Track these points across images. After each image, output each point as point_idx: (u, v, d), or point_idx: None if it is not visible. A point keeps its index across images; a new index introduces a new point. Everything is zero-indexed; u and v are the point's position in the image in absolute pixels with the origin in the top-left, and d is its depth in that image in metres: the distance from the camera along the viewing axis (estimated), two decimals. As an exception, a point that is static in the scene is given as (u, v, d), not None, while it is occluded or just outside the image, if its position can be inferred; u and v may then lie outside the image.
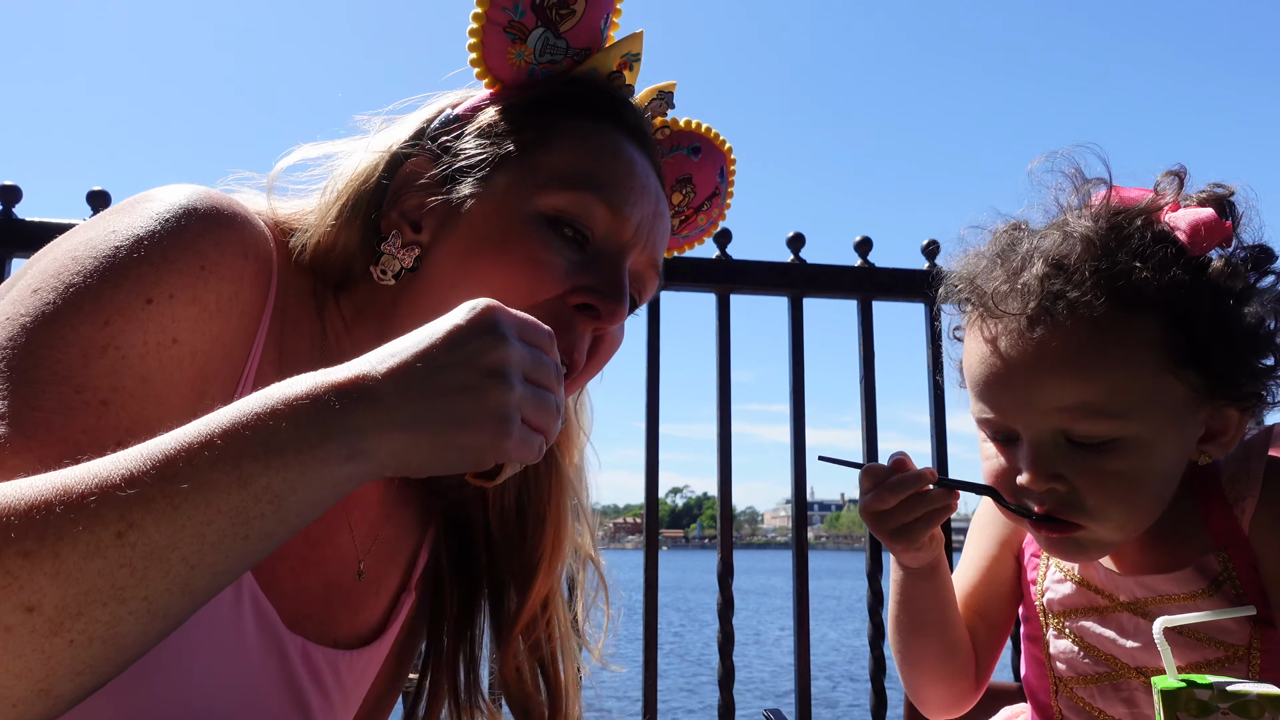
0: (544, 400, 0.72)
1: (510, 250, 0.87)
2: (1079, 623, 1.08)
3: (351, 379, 0.66)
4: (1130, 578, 1.04)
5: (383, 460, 0.65)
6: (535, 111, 0.93)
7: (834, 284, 2.16)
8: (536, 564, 1.04)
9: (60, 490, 0.57)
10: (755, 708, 2.10)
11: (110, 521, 0.56)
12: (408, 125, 0.95)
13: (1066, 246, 0.94)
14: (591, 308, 0.89)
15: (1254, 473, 1.00)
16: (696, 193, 1.11)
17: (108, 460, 0.60)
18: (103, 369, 0.71)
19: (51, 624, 0.55)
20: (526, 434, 0.71)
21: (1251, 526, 0.98)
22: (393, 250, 0.90)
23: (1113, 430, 0.93)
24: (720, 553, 2.05)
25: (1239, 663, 0.97)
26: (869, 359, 2.18)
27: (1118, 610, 1.04)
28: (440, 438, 0.66)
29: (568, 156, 0.91)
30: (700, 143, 1.09)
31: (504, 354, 0.69)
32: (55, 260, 0.74)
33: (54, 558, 0.55)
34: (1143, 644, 1.02)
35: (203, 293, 0.76)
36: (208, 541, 0.59)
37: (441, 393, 0.67)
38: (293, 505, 0.62)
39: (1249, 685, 0.69)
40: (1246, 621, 0.96)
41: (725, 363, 2.12)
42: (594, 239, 0.91)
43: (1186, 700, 0.70)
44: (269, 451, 0.61)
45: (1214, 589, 0.98)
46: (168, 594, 0.58)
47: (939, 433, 2.17)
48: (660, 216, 0.97)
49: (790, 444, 2.16)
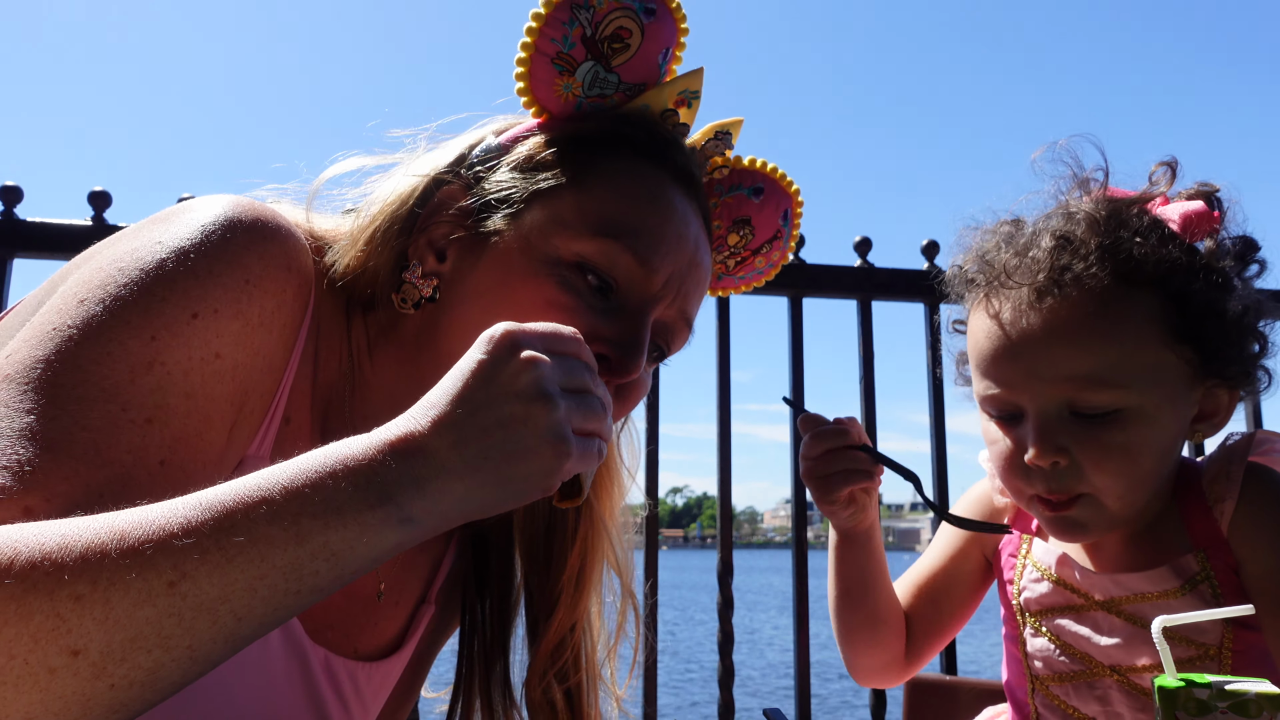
0: (588, 404, 0.71)
1: (529, 293, 0.85)
2: (1055, 621, 1.09)
3: (401, 437, 0.65)
4: (1105, 575, 1.05)
5: (444, 512, 0.65)
6: (575, 148, 0.90)
7: (834, 284, 2.16)
8: (560, 591, 1.02)
9: (117, 535, 0.57)
10: (745, 704, 2.10)
11: (164, 570, 0.56)
12: (450, 151, 0.93)
13: (1072, 224, 1.00)
14: (605, 358, 0.86)
15: (1234, 476, 1.03)
16: (755, 234, 1.07)
17: (165, 506, 0.60)
18: (148, 386, 0.70)
19: (95, 668, 0.55)
20: (583, 443, 0.70)
21: (1230, 528, 1.01)
22: (413, 279, 0.89)
23: (1116, 400, 0.96)
24: (720, 552, 2.05)
25: (1210, 661, 0.98)
26: (869, 359, 2.18)
27: (1093, 609, 1.06)
28: (500, 474, 0.66)
29: (601, 200, 0.87)
30: (764, 183, 1.05)
31: (536, 374, 0.68)
32: (100, 270, 0.74)
33: (104, 603, 0.55)
34: (1117, 642, 1.03)
35: (246, 307, 0.76)
36: (258, 596, 0.59)
37: (488, 431, 0.66)
38: (349, 563, 0.62)
39: (1248, 684, 0.69)
40: (1220, 620, 0.98)
41: (725, 363, 2.12)
42: (618, 289, 0.87)
43: (1185, 699, 0.70)
44: (328, 511, 0.61)
45: (1189, 588, 1.00)
46: (212, 643, 0.58)
47: (939, 433, 2.17)
48: (696, 267, 0.92)
49: (790, 444, 2.16)
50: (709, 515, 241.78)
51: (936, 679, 1.54)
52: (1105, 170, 1.07)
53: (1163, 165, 1.06)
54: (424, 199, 0.90)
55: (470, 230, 0.89)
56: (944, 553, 1.26)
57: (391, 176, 0.92)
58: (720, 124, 1.02)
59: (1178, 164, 1.05)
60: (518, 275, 0.86)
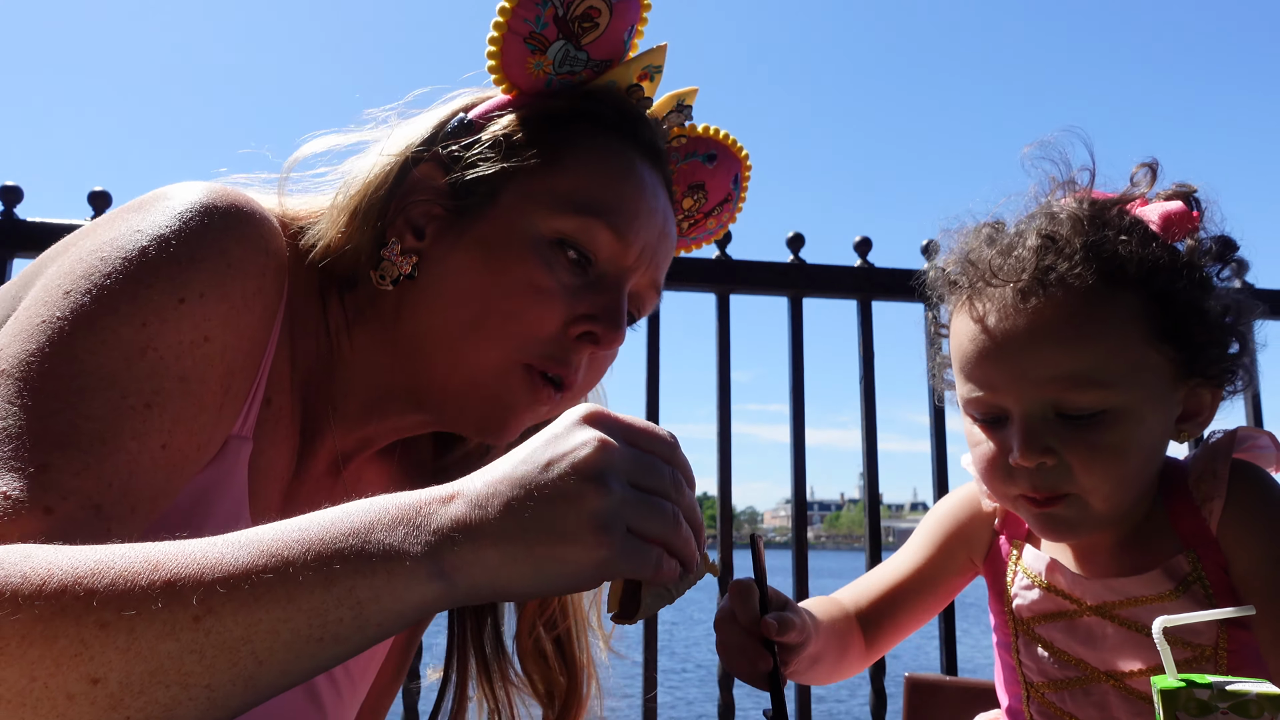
0: (655, 507, 0.66)
1: (513, 273, 0.87)
2: (1048, 628, 1.08)
3: (451, 492, 0.64)
4: (1097, 581, 1.05)
5: (475, 579, 0.62)
6: (548, 126, 0.93)
7: (834, 284, 2.16)
8: None
9: (150, 564, 0.57)
10: (744, 705, 2.10)
11: (190, 604, 0.56)
12: (422, 127, 0.94)
13: (1056, 224, 1.00)
14: (591, 334, 0.89)
15: (1220, 474, 1.02)
16: (708, 198, 1.11)
17: (204, 541, 0.60)
18: (143, 371, 0.71)
19: (113, 699, 0.55)
20: (636, 545, 0.65)
21: (1220, 527, 1.01)
22: (392, 257, 0.90)
23: (1101, 400, 0.96)
24: (720, 553, 2.05)
25: (1206, 663, 0.98)
26: (869, 359, 2.18)
27: (1086, 615, 1.05)
28: (535, 551, 0.62)
29: (577, 178, 0.90)
30: (717, 149, 1.09)
31: (602, 456, 0.65)
32: (81, 261, 0.74)
33: (129, 633, 0.55)
34: (1112, 648, 1.02)
35: (230, 290, 0.77)
36: (280, 639, 0.58)
37: (535, 500, 0.63)
38: (373, 615, 0.60)
39: (1249, 685, 0.69)
40: (1215, 621, 0.97)
41: (725, 363, 2.13)
42: (597, 263, 0.91)
43: (1186, 700, 0.70)
44: (359, 557, 0.60)
45: (1182, 590, 1.00)
46: (231, 685, 0.57)
47: (939, 432, 2.17)
48: (665, 237, 0.96)
49: (790, 444, 2.16)
50: (709, 515, 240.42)
51: (936, 679, 1.54)
52: (1092, 170, 1.06)
53: (1144, 166, 1.06)
54: (400, 177, 0.92)
55: (448, 208, 0.91)
56: (925, 552, 1.23)
57: (367, 155, 0.93)
58: (678, 93, 1.05)
59: (1158, 165, 1.05)
60: (499, 254, 0.88)
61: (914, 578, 1.22)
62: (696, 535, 0.70)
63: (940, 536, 1.23)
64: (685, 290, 2.15)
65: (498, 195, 0.90)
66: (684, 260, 2.09)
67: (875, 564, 2.05)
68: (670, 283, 2.10)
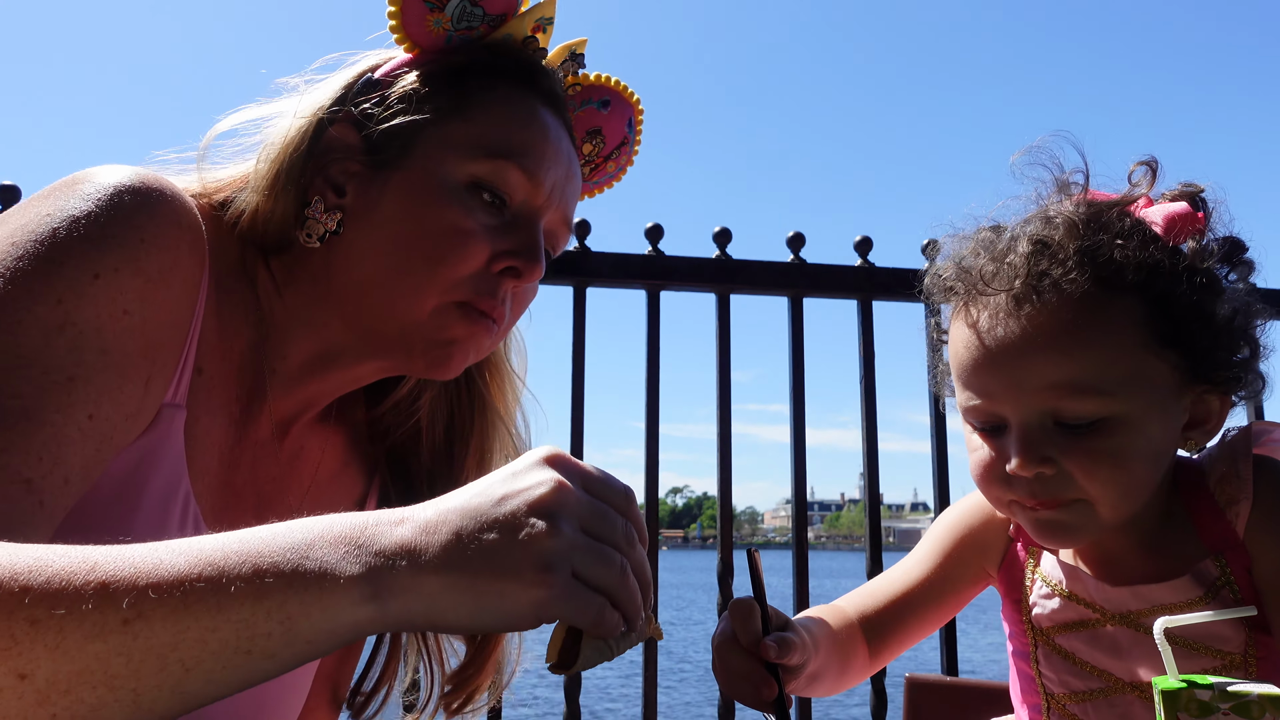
0: (602, 556, 0.66)
1: (435, 219, 0.92)
2: (1070, 638, 1.05)
3: (401, 516, 0.65)
4: (1124, 589, 1.02)
5: (410, 605, 0.62)
6: (454, 79, 0.98)
7: (834, 284, 2.16)
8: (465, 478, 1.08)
9: (89, 565, 0.58)
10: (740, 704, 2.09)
11: (121, 607, 0.57)
12: (331, 88, 0.98)
13: (1050, 229, 0.97)
14: (514, 269, 0.94)
15: (1243, 474, 1.00)
16: (606, 143, 1.16)
17: (145, 547, 0.61)
18: (63, 347, 0.73)
19: (39, 695, 0.55)
20: (578, 590, 0.65)
21: (1247, 529, 0.98)
22: (316, 215, 0.94)
23: (1100, 409, 0.94)
24: (720, 553, 2.05)
25: (1236, 671, 0.96)
26: (869, 359, 2.18)
27: (1109, 624, 1.03)
28: (476, 584, 0.62)
29: (485, 125, 0.95)
30: (610, 95, 1.14)
31: (556, 496, 0.65)
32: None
33: (58, 631, 0.56)
34: (1138, 658, 1.00)
35: (145, 264, 0.79)
36: (208, 649, 0.58)
37: (483, 532, 0.63)
38: (303, 631, 0.60)
39: (1250, 685, 0.69)
40: (1242, 628, 0.96)
41: (725, 363, 2.12)
42: (512, 204, 0.96)
43: (1187, 701, 0.69)
44: (294, 572, 0.60)
45: (1212, 595, 0.97)
46: (157, 690, 0.58)
47: (939, 432, 2.17)
48: (571, 177, 1.02)
49: (790, 444, 2.16)
50: (709, 515, 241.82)
51: (937, 679, 1.53)
52: (1085, 172, 1.04)
53: (1142, 165, 1.03)
54: (315, 137, 0.95)
55: (366, 164, 0.95)
56: (935, 559, 1.20)
57: (281, 120, 0.97)
58: (569, 44, 1.10)
59: (1158, 163, 1.03)
60: (420, 202, 0.92)
61: (922, 586, 1.19)
62: (644, 592, 0.71)
63: (951, 544, 1.19)
64: (685, 290, 2.14)
65: (411, 148, 0.94)
66: (684, 260, 2.09)
67: (876, 564, 2.06)
68: (670, 282, 2.11)
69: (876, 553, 2.07)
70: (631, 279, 2.09)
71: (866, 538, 2.13)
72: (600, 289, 2.10)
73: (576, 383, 2.06)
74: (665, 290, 2.11)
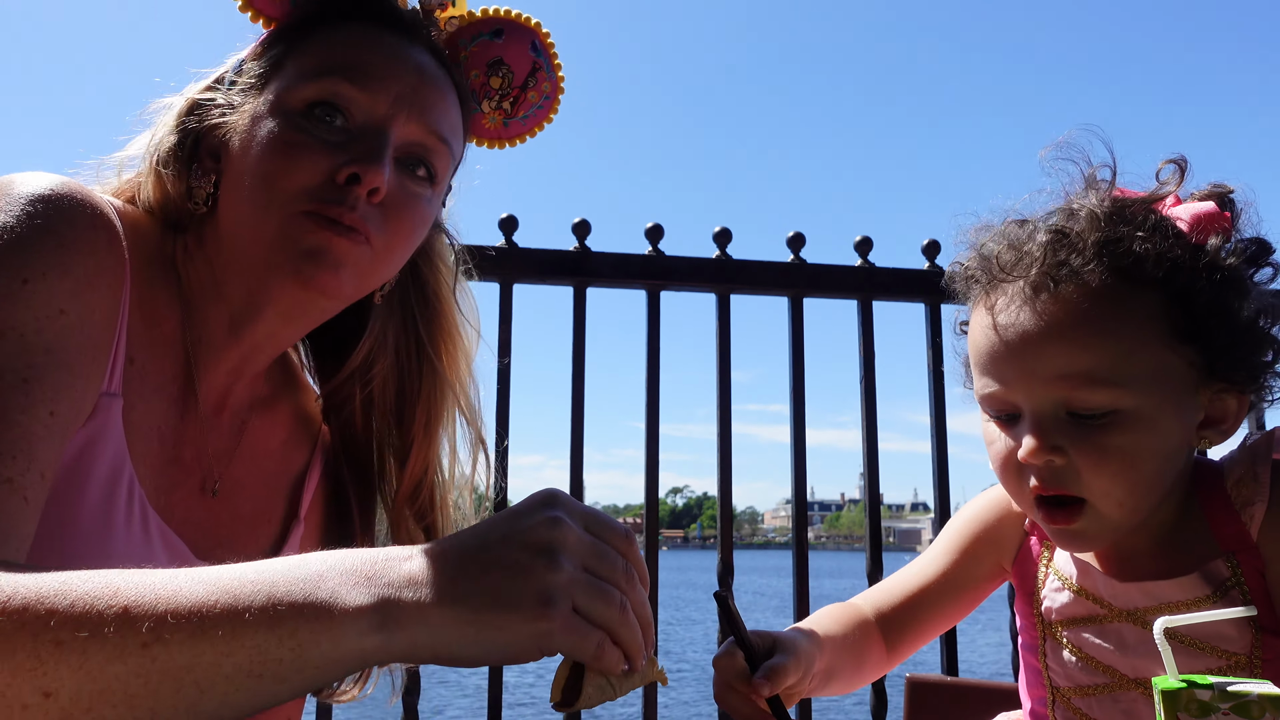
0: (603, 592, 0.69)
1: (271, 142, 0.95)
2: (1078, 633, 1.06)
3: (410, 552, 0.69)
4: (1132, 585, 1.02)
5: (415, 636, 0.65)
6: (291, 28, 1.03)
7: (834, 284, 2.16)
8: (412, 440, 1.13)
9: (111, 590, 0.61)
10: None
11: (140, 631, 0.60)
12: (209, 74, 1.04)
13: (1071, 220, 0.98)
14: (354, 175, 0.94)
15: (1261, 477, 0.99)
16: (514, 72, 1.16)
17: (165, 573, 0.64)
18: (10, 352, 0.76)
19: (63, 712, 0.58)
20: (577, 625, 0.68)
21: (1261, 532, 0.98)
22: (197, 181, 0.99)
23: (1112, 401, 0.94)
24: (720, 553, 2.05)
25: (1241, 672, 0.95)
26: (869, 359, 2.18)
27: (1117, 620, 1.03)
28: (479, 617, 0.65)
29: (315, 54, 0.99)
30: (501, 25, 1.14)
31: (555, 534, 0.69)
32: None
33: (81, 653, 0.59)
34: (1144, 655, 1.00)
35: (71, 265, 0.82)
36: (222, 672, 0.61)
37: (485, 569, 0.67)
38: (312, 658, 0.63)
39: (1250, 685, 0.69)
40: (1248, 629, 0.95)
41: (725, 363, 2.12)
42: (354, 120, 0.97)
43: (1187, 701, 0.69)
44: (306, 601, 0.63)
45: (1220, 595, 0.97)
46: (173, 711, 0.61)
47: (939, 433, 2.17)
48: (428, 89, 1.01)
49: (790, 444, 2.16)
50: (709, 516, 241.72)
51: (937, 679, 1.53)
52: (1113, 168, 1.04)
53: (1170, 163, 1.03)
54: (187, 118, 1.01)
55: (227, 125, 1.00)
56: (951, 556, 1.22)
57: (171, 107, 1.03)
58: None
59: (1186, 162, 1.02)
60: (263, 135, 0.96)
61: (939, 582, 1.20)
62: (644, 631, 0.73)
63: (967, 540, 1.21)
64: (685, 290, 2.14)
65: (257, 98, 0.99)
66: (684, 260, 2.09)
67: (876, 564, 2.06)
68: (670, 282, 2.11)
69: (877, 553, 2.07)
70: (631, 279, 2.09)
71: (867, 538, 2.13)
72: (600, 289, 2.10)
73: (576, 383, 2.06)
74: (665, 290, 2.11)
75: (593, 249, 2.06)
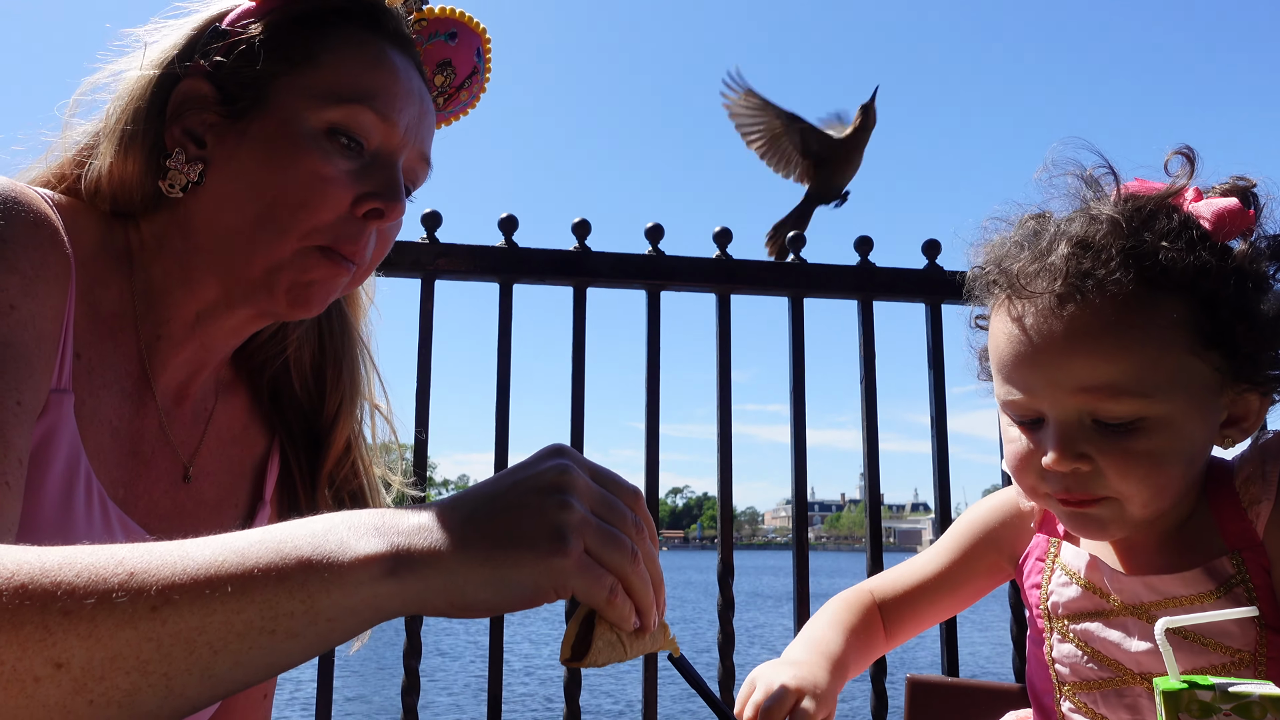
0: (614, 537, 0.69)
1: (295, 167, 0.93)
2: (1083, 626, 1.06)
3: (420, 507, 0.69)
4: (1137, 579, 1.02)
5: (429, 580, 0.65)
6: (300, 25, 0.99)
7: (834, 284, 2.16)
8: (337, 409, 1.15)
9: (116, 560, 0.61)
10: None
11: (149, 595, 0.59)
12: (176, 37, 0.99)
13: (1094, 227, 0.96)
14: (376, 210, 0.97)
15: (1270, 476, 1.00)
16: (457, 73, 1.18)
17: (171, 543, 0.64)
18: None
19: (76, 682, 0.58)
20: (590, 566, 0.67)
21: (1267, 530, 0.98)
22: (178, 166, 0.96)
23: (1138, 410, 0.93)
24: (720, 553, 2.04)
25: (1245, 669, 0.96)
26: (869, 359, 2.18)
27: (1122, 614, 1.03)
28: (494, 554, 0.65)
29: (337, 71, 0.97)
30: (456, 27, 1.15)
31: (566, 478, 0.69)
32: None
33: (90, 621, 0.58)
34: (1148, 649, 1.00)
35: (17, 262, 0.82)
36: (234, 630, 0.60)
37: (496, 513, 0.67)
38: (324, 609, 0.62)
39: (1252, 686, 0.69)
40: (1252, 626, 0.95)
41: (725, 363, 2.12)
42: (369, 146, 0.98)
43: (1188, 701, 0.69)
44: (315, 551, 0.63)
45: (1223, 591, 0.97)
46: (188, 674, 0.60)
47: (939, 433, 2.17)
48: (425, 115, 1.04)
49: (790, 444, 2.16)
50: (709, 516, 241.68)
51: (938, 680, 1.53)
52: (1112, 170, 1.03)
53: (1178, 154, 1.02)
54: (162, 89, 0.97)
55: (222, 114, 0.96)
56: (954, 552, 1.24)
57: (129, 74, 0.98)
58: None
59: (1194, 152, 1.01)
60: (279, 150, 0.94)
61: (938, 578, 1.24)
62: (656, 588, 0.72)
63: (969, 540, 1.23)
64: (685, 290, 2.14)
65: (266, 97, 0.96)
66: (684, 260, 2.09)
67: (876, 564, 2.05)
68: (670, 282, 2.11)
69: (877, 553, 2.07)
70: (631, 279, 2.08)
71: (867, 538, 2.13)
72: (600, 289, 2.10)
73: (576, 383, 2.05)
74: (665, 290, 2.11)
75: (593, 249, 2.06)
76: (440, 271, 1.99)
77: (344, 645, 0.76)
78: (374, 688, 12.94)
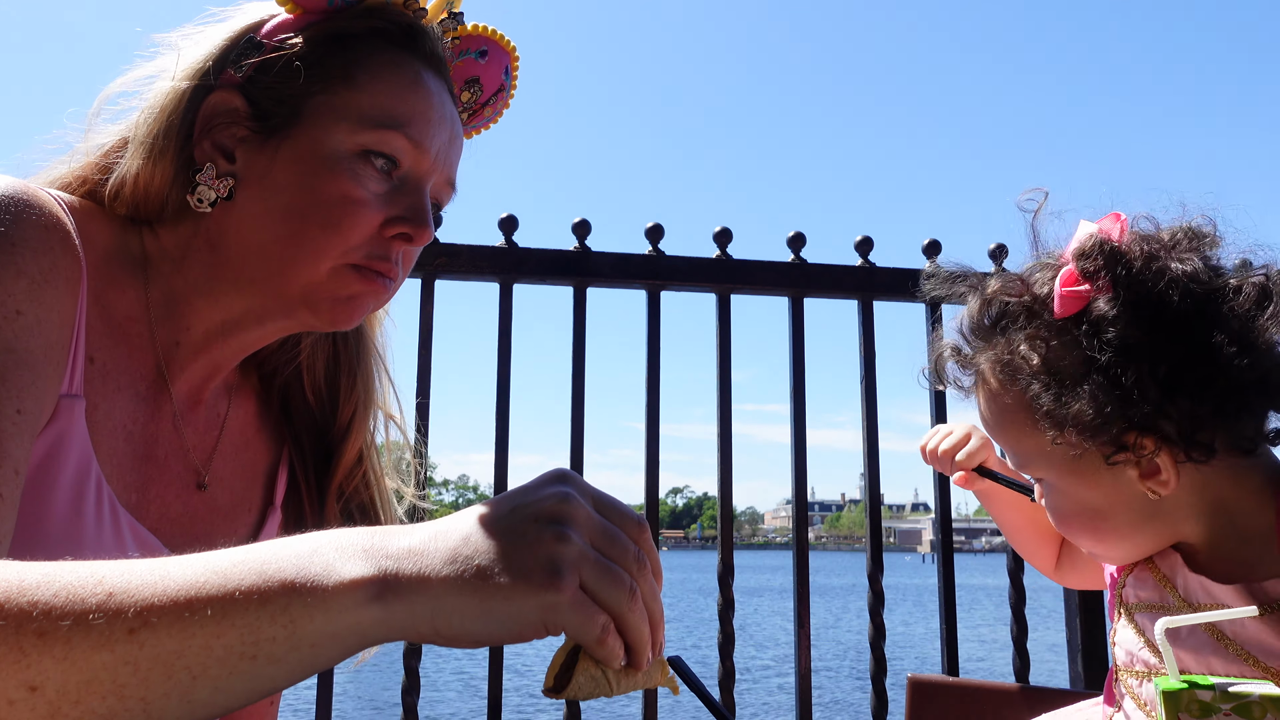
0: (612, 573, 0.65)
1: (329, 189, 0.93)
2: (1144, 616, 1.09)
3: (412, 527, 0.66)
4: (1195, 579, 1.04)
5: (415, 607, 0.62)
6: (339, 44, 0.98)
7: (834, 284, 2.16)
8: (350, 419, 1.14)
9: (95, 579, 0.59)
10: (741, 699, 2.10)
11: (128, 617, 0.57)
12: (210, 47, 0.98)
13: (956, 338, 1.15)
14: (405, 234, 0.97)
15: None
16: (484, 90, 1.18)
17: (151, 561, 0.62)
18: None
19: (51, 706, 0.56)
20: (584, 603, 0.63)
21: None
22: (207, 181, 0.95)
23: (1032, 474, 1.13)
24: (720, 553, 2.04)
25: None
26: (869, 359, 2.18)
27: (1181, 610, 1.04)
28: (485, 583, 0.62)
29: (373, 94, 0.96)
30: (487, 45, 1.15)
31: (567, 507, 0.65)
32: None
33: (65, 643, 0.56)
34: (1192, 648, 1.01)
35: (24, 265, 0.81)
36: (214, 655, 0.58)
37: (491, 537, 0.64)
38: (306, 634, 0.60)
39: (1252, 686, 0.69)
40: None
41: (725, 363, 2.12)
42: (400, 168, 0.98)
43: (1188, 701, 0.69)
44: (299, 574, 0.61)
45: (1270, 610, 0.96)
46: (165, 699, 0.58)
47: (939, 433, 2.16)
48: (455, 139, 1.04)
49: (790, 444, 2.16)
50: (709, 516, 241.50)
51: (939, 680, 1.53)
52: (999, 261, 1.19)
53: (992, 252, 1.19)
54: (195, 100, 0.96)
55: (254, 130, 0.96)
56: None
57: (161, 81, 0.97)
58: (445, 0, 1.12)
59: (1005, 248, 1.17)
60: (313, 171, 0.94)
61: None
62: (654, 628, 0.68)
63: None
64: (685, 290, 2.14)
65: (300, 115, 0.95)
66: (684, 260, 2.09)
67: (876, 564, 2.05)
68: (670, 282, 2.11)
69: (877, 553, 2.07)
70: (631, 279, 2.08)
71: (867, 538, 2.13)
72: (600, 289, 2.10)
73: (576, 383, 2.05)
74: (665, 290, 2.11)
75: (593, 249, 2.06)
76: (440, 271, 1.99)
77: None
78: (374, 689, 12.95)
